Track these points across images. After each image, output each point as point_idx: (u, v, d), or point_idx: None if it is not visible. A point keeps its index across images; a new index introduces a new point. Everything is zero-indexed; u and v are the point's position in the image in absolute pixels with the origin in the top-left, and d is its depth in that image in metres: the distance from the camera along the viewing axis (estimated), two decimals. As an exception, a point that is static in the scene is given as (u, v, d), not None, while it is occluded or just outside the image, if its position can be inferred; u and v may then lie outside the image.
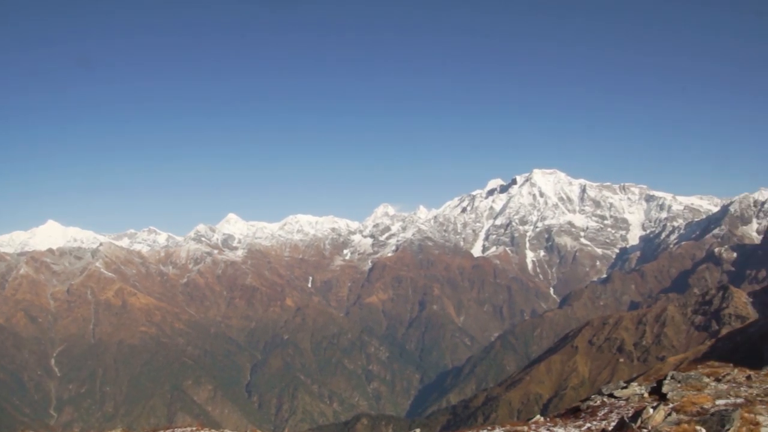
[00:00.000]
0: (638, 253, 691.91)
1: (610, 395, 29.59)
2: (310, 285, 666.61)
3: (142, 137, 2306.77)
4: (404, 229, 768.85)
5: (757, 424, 19.20)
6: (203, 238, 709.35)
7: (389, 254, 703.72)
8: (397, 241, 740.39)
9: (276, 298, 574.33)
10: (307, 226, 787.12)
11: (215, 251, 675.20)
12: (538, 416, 28.54)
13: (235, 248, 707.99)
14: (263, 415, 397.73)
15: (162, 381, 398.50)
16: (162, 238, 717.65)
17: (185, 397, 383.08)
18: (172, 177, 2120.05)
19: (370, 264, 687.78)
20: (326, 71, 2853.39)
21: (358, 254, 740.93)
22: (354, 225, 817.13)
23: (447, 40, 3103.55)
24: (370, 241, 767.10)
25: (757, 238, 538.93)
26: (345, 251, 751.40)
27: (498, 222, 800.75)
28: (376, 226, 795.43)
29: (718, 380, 31.59)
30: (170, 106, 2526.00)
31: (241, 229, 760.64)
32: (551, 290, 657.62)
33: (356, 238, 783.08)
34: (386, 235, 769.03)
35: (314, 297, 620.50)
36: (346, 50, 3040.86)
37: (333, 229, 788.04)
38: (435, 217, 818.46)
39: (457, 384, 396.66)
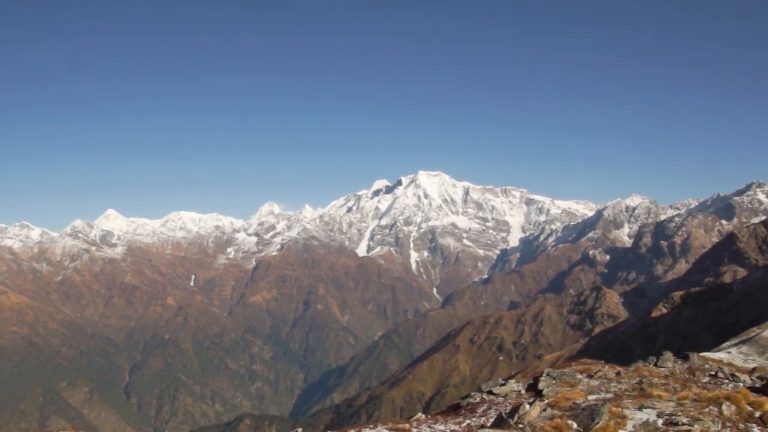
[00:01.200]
0: (518, 255, 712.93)
1: (490, 392, 30.51)
2: (192, 283, 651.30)
3: (14, 129, 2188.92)
4: (289, 228, 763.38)
5: (624, 417, 20.48)
6: (80, 234, 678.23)
7: (274, 253, 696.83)
8: (282, 239, 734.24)
9: (157, 296, 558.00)
10: (190, 223, 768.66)
11: (93, 248, 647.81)
12: (420, 414, 29.10)
13: (114, 245, 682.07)
14: (142, 418, 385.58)
15: (34, 383, 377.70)
16: (35, 233, 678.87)
17: (59, 400, 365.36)
18: (47, 170, 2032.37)
19: (254, 263, 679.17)
20: (215, 71, 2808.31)
21: (243, 253, 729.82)
22: (239, 223, 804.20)
23: (331, 39, 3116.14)
24: (254, 239, 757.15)
25: (628, 242, 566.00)
26: (229, 249, 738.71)
27: (383, 222, 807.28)
28: (261, 224, 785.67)
29: (590, 377, 33.19)
30: (46, 97, 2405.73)
31: (120, 226, 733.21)
32: (434, 290, 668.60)
33: (241, 236, 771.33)
34: (271, 233, 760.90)
35: (197, 296, 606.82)
36: (230, 49, 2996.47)
37: (217, 227, 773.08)
38: (321, 216, 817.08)
39: (341, 383, 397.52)
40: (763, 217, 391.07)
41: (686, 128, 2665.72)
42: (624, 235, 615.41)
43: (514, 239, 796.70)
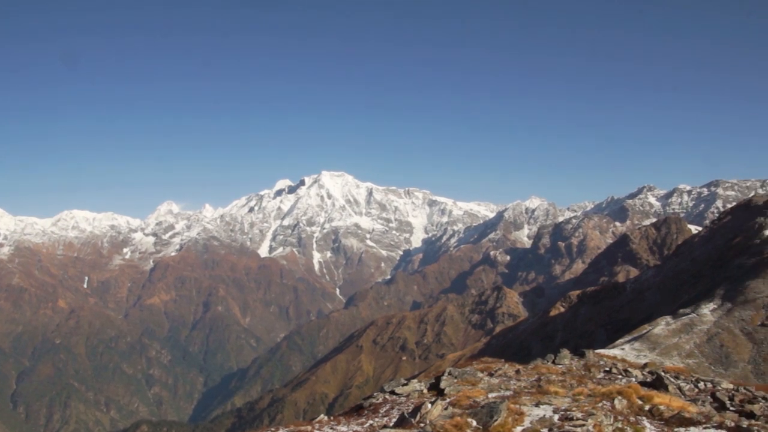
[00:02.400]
0: (421, 255, 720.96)
1: (392, 392, 30.47)
2: (86, 285, 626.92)
3: None
4: (189, 227, 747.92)
5: (522, 413, 20.76)
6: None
7: (173, 253, 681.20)
8: (182, 240, 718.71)
9: (47, 299, 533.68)
10: (83, 222, 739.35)
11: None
12: (323, 416, 28.77)
13: (0, 245, 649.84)
14: (31, 427, 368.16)
15: None
16: None
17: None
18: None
19: (152, 263, 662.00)
20: (109, 71, 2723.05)
21: (140, 253, 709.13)
22: (135, 222, 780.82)
23: (230, 40, 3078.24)
24: (152, 239, 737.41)
25: (528, 243, 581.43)
26: (125, 250, 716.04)
27: (286, 222, 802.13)
28: (159, 224, 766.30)
29: (490, 375, 33.63)
30: None
31: (7, 224, 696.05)
32: (337, 291, 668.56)
33: (138, 236, 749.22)
34: (170, 233, 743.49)
35: (90, 298, 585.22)
36: (125, 50, 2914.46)
37: (112, 227, 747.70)
38: (222, 216, 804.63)
39: (243, 386, 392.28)
40: (654, 219, 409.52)
41: (583, 133, 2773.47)
42: (524, 236, 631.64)
43: (417, 240, 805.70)
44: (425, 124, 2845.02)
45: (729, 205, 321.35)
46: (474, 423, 19.43)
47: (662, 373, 36.04)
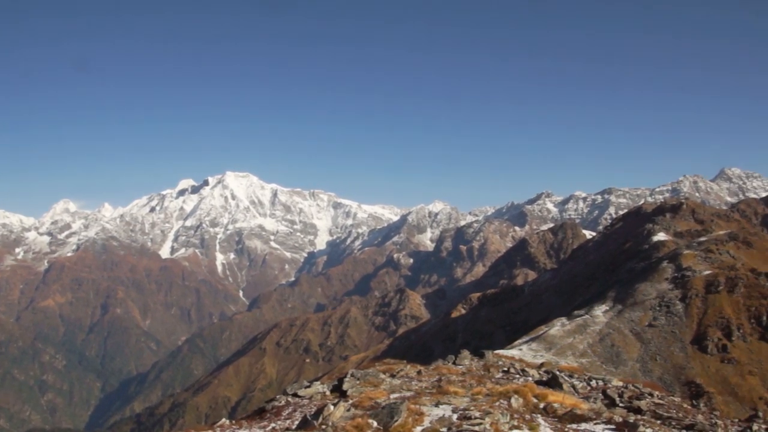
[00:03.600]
0: (325, 258, 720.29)
1: (295, 395, 30.55)
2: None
3: None
4: (87, 227, 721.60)
5: (422, 413, 21.30)
6: None
7: (69, 254, 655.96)
8: (79, 240, 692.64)
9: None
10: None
11: None
12: (224, 420, 28.58)
13: None
14: None
15: None
16: None
17: None
18: None
19: (46, 264, 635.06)
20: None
21: (33, 253, 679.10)
22: (29, 221, 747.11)
23: (124, 42, 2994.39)
24: (47, 239, 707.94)
25: (430, 246, 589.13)
26: (17, 250, 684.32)
27: (188, 223, 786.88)
28: (54, 223, 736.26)
29: (392, 376, 34.14)
30: None
31: None
32: (241, 293, 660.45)
33: (31, 235, 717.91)
34: (66, 233, 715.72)
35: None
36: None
37: (3, 225, 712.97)
38: (122, 215, 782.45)
39: (142, 391, 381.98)
40: (551, 225, 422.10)
41: (485, 139, 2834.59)
42: (427, 240, 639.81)
43: (321, 242, 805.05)
44: (330, 126, 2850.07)
45: (621, 212, 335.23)
46: (375, 424, 19.80)
47: (557, 373, 37.57)
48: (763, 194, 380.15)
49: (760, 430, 28.36)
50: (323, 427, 20.53)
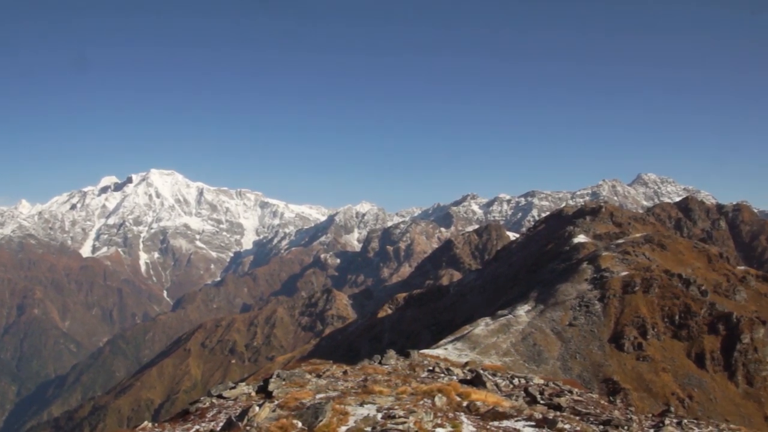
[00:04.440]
0: (252, 257, 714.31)
1: (219, 396, 30.30)
2: None
3: None
4: (2, 224, 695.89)
5: (346, 413, 21.48)
6: None
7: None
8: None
9: None
10: None
11: None
12: (147, 423, 28.16)
13: None
14: None
15: None
16: None
17: None
18: None
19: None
20: None
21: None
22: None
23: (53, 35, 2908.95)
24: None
25: (357, 246, 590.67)
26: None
27: (111, 221, 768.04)
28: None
29: (318, 376, 34.24)
30: None
31: None
32: (165, 293, 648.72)
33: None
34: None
35: None
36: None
37: None
38: (40, 213, 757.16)
39: (61, 394, 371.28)
40: (476, 226, 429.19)
41: (412, 140, 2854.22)
42: (354, 240, 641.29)
43: (248, 242, 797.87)
44: (256, 125, 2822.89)
45: (543, 214, 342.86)
46: (299, 424, 19.92)
47: (481, 371, 38.41)
48: (677, 199, 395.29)
49: (672, 424, 29.70)
50: (248, 428, 20.51)
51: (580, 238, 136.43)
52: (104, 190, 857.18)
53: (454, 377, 36.56)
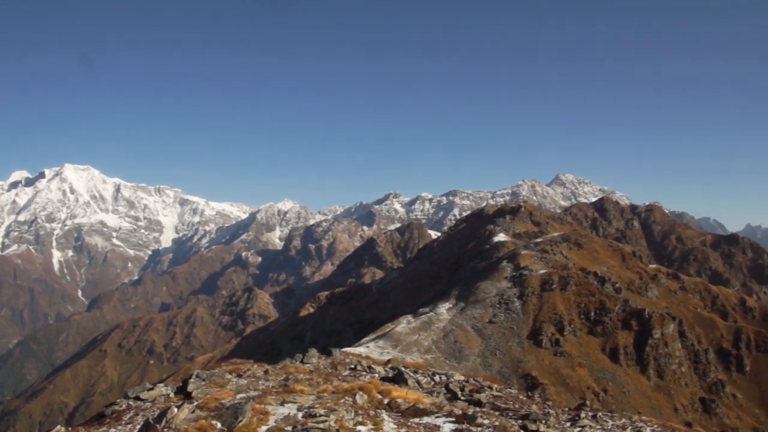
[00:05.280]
0: (171, 255, 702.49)
1: (137, 398, 29.63)
2: None
3: None
4: None
5: (267, 413, 21.33)
6: None
7: None
8: None
9: None
10: None
11: None
12: (60, 427, 27.30)
13: None
14: None
15: None
16: None
17: None
18: None
19: None
20: None
21: None
22: None
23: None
24: None
25: (279, 244, 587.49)
26: None
27: (21, 218, 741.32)
28: None
29: (239, 376, 33.85)
30: None
31: None
32: (80, 292, 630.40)
33: None
34: None
35: None
36: None
37: None
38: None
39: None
40: (399, 225, 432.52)
41: (336, 139, 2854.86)
42: (276, 238, 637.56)
43: (167, 239, 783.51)
44: (175, 120, 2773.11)
45: (465, 213, 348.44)
46: (219, 425, 19.68)
47: (403, 369, 38.70)
48: (593, 199, 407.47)
49: (587, 417, 30.58)
50: (166, 430, 20.14)
51: (500, 237, 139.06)
52: (14, 185, 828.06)
53: (376, 375, 36.74)
